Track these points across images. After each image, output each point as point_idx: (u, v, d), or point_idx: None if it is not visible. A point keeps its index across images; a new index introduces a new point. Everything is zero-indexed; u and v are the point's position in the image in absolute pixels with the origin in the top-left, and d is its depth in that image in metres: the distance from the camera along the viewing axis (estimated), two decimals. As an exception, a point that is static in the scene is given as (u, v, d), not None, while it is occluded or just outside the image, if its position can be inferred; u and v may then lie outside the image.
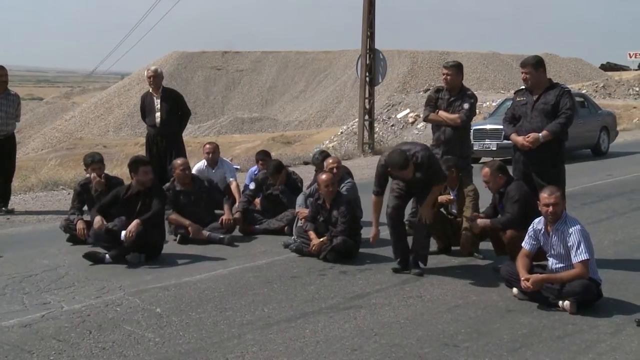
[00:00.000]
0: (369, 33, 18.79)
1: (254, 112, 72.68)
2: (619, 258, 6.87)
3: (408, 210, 7.45)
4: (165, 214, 7.88)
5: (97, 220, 6.96)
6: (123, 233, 6.85)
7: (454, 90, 7.87)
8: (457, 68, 7.89)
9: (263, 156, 9.41)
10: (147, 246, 6.97)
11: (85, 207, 8.05)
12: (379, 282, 6.16)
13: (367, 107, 19.36)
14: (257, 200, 8.77)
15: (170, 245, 7.57)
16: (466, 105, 7.77)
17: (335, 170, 7.61)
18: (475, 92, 8.31)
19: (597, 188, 11.30)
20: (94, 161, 7.92)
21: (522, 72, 6.71)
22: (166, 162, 9.63)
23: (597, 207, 9.62)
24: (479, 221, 6.42)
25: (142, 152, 11.30)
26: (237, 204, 8.63)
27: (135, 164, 7.21)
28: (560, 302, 5.28)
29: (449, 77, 7.82)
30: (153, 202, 7.08)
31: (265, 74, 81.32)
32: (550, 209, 5.40)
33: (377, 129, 26.86)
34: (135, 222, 6.85)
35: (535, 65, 6.64)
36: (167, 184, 8.29)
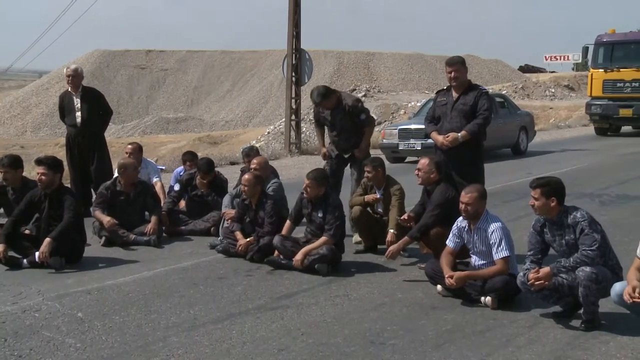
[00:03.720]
0: (294, 33, 18.83)
1: (179, 112, 71.50)
2: (538, 254, 7.07)
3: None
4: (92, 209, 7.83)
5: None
6: (37, 254, 6.54)
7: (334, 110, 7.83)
8: (326, 96, 7.70)
9: (191, 157, 9.28)
10: (67, 250, 6.75)
11: (2, 210, 7.74)
12: (306, 282, 6.17)
13: (294, 107, 19.39)
14: (183, 202, 8.65)
15: (93, 248, 7.37)
16: (363, 116, 7.81)
17: (254, 170, 7.51)
18: (400, 93, 8.38)
19: (517, 186, 11.62)
20: (2, 164, 7.62)
21: (451, 71, 6.78)
22: (88, 162, 9.45)
23: (517, 204, 9.89)
24: (397, 244, 6.43)
25: (62, 152, 10.97)
26: (161, 204, 8.48)
27: (37, 162, 6.99)
28: (483, 298, 5.42)
29: (327, 108, 7.78)
30: (64, 211, 6.77)
31: (190, 73, 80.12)
32: (463, 207, 5.56)
33: (304, 128, 26.88)
34: (46, 242, 6.52)
35: (463, 63, 6.84)
36: (107, 182, 8.09)
